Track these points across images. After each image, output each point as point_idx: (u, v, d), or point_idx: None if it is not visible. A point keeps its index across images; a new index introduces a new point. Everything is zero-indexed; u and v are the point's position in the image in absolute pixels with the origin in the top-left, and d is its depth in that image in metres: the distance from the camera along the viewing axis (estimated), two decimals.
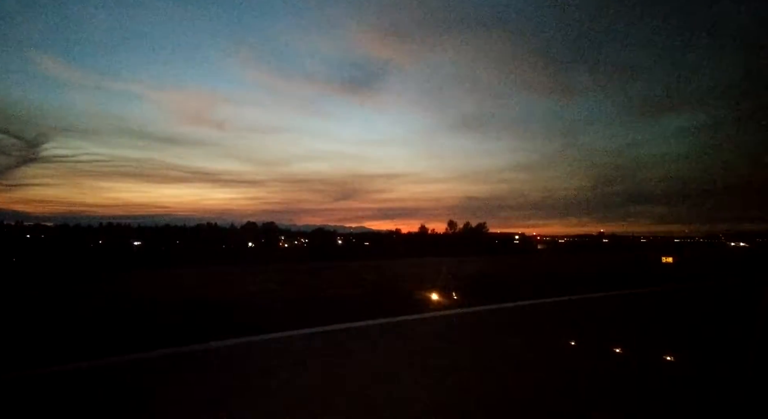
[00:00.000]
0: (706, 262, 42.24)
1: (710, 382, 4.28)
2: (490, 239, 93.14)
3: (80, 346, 10.24)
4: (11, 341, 11.04)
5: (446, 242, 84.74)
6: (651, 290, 9.32)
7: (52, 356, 9.08)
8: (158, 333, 11.54)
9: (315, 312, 15.74)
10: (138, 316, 15.10)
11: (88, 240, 75.01)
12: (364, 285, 24.74)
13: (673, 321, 6.47)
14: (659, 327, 6.14)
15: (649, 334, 5.76)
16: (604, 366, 4.64)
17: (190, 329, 12.33)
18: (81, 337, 11.54)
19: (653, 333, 5.81)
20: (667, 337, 5.73)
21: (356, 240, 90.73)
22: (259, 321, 13.19)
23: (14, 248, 61.31)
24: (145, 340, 10.30)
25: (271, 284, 25.75)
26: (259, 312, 15.94)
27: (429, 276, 26.81)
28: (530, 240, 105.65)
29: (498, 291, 20.53)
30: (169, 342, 3.44)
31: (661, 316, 6.69)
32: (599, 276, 28.51)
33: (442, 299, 18.25)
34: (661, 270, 37.83)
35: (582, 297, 7.15)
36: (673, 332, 5.96)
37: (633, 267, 37.66)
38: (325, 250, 72.40)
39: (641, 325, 6.14)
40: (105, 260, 51.17)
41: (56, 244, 67.63)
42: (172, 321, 13.80)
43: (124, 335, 11.43)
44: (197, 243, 71.72)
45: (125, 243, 72.67)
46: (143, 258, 56.28)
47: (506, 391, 3.82)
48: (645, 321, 6.34)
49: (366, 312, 14.91)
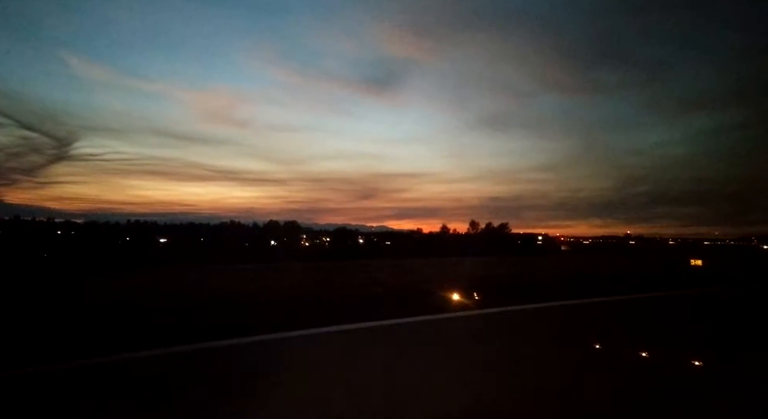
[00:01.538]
0: (737, 266, 40.98)
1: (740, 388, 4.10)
2: (512, 240, 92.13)
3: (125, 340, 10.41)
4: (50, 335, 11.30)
5: (468, 242, 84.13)
6: (683, 293, 8.99)
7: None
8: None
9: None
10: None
11: (116, 236, 76.66)
12: (389, 284, 24.73)
13: (705, 325, 6.23)
14: (692, 330, 5.93)
15: (682, 338, 5.55)
16: (629, 371, 4.47)
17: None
18: (123, 331, 11.75)
19: (686, 337, 5.60)
20: (702, 341, 5.51)
21: (377, 240, 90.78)
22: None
23: (46, 244, 63.08)
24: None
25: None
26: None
27: (451, 276, 26.66)
28: (554, 241, 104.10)
29: (525, 292, 20.27)
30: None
31: (694, 320, 6.44)
32: (628, 278, 27.96)
33: (465, 299, 18.01)
34: (691, 273, 36.93)
35: (608, 300, 6.94)
36: (706, 337, 5.74)
37: (661, 270, 36.84)
38: (347, 249, 72.69)
39: (673, 329, 5.92)
40: (136, 256, 52.29)
41: (87, 240, 69.36)
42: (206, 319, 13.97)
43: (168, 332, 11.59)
44: (221, 241, 72.60)
45: (152, 240, 74.09)
46: (171, 255, 57.28)
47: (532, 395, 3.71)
48: (677, 324, 6.12)
49: (398, 310, 14.82)
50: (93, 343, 9.99)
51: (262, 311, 15.59)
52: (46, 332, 11.61)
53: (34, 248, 56.38)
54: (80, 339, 10.60)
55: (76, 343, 10.06)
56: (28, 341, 10.40)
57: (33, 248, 56.31)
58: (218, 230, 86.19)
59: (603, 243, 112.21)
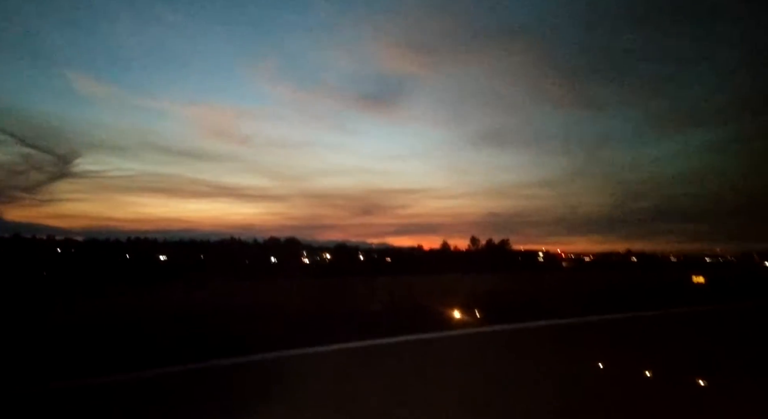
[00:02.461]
0: (739, 283, 40.69)
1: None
2: (513, 256, 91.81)
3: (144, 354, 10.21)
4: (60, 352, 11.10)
5: (469, 259, 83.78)
6: (688, 310, 8.88)
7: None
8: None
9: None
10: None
11: (115, 254, 76.38)
12: (392, 301, 24.48)
13: (712, 341, 6.10)
14: (699, 346, 5.80)
15: (691, 353, 5.42)
16: (631, 389, 4.35)
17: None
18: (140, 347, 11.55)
19: (695, 353, 5.47)
20: (710, 357, 5.38)
21: (378, 256, 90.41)
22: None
23: (45, 262, 62.76)
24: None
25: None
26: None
27: (454, 293, 26.39)
28: (555, 258, 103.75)
29: (530, 310, 20.01)
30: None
31: (700, 336, 6.32)
32: (632, 294, 27.72)
33: (467, 317, 17.76)
34: (694, 290, 36.67)
35: (614, 318, 6.82)
36: (714, 353, 5.61)
37: (664, 287, 36.59)
38: (347, 266, 72.41)
39: (680, 345, 5.79)
40: (137, 274, 51.94)
41: (87, 258, 69.07)
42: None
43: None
44: (221, 258, 72.31)
45: (152, 257, 73.80)
46: (170, 273, 56.95)
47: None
48: (683, 340, 5.99)
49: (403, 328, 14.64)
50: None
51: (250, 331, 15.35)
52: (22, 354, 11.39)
53: (34, 266, 56.08)
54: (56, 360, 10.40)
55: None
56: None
57: (32, 266, 56.00)
58: (218, 247, 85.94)
59: (605, 259, 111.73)
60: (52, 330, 15.94)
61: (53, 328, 16.27)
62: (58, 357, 10.99)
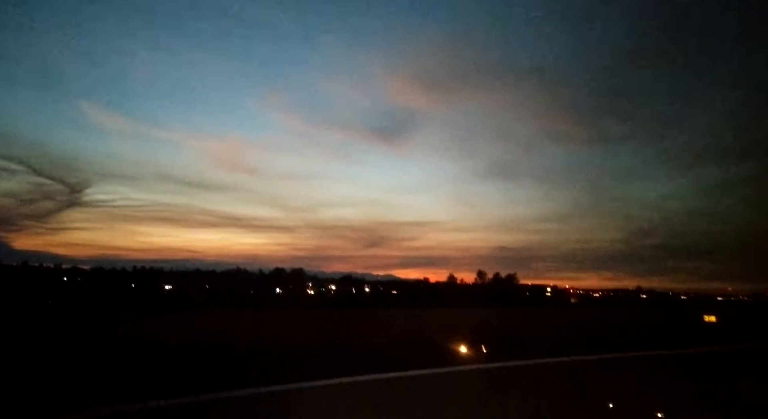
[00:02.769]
0: (753, 323, 39.71)
1: None
2: (520, 291, 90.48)
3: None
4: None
5: (475, 293, 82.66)
6: (705, 351, 8.65)
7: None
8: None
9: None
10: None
11: (121, 283, 76.22)
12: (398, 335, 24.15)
13: (725, 383, 5.93)
14: (712, 388, 5.64)
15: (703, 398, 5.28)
16: None
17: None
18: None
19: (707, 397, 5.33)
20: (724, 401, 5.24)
21: (384, 289, 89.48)
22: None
23: (52, 290, 62.73)
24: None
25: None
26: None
27: (459, 328, 26.01)
28: (563, 293, 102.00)
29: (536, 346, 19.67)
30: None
31: (711, 378, 6.15)
32: (641, 333, 27.23)
33: (472, 352, 17.40)
34: (705, 329, 35.87)
35: (623, 357, 6.67)
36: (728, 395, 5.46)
37: (676, 326, 35.87)
38: (353, 298, 71.74)
39: (691, 386, 5.64)
40: (142, 303, 51.77)
41: (92, 287, 69.03)
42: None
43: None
44: (226, 288, 71.92)
45: (157, 287, 73.57)
46: (175, 302, 56.66)
47: None
48: (695, 381, 5.83)
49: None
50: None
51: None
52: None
53: (40, 295, 56.09)
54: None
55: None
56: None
57: (38, 295, 56.01)
58: (224, 277, 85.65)
59: (614, 296, 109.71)
60: (54, 359, 15.85)
61: (54, 357, 16.19)
62: (59, 386, 10.90)
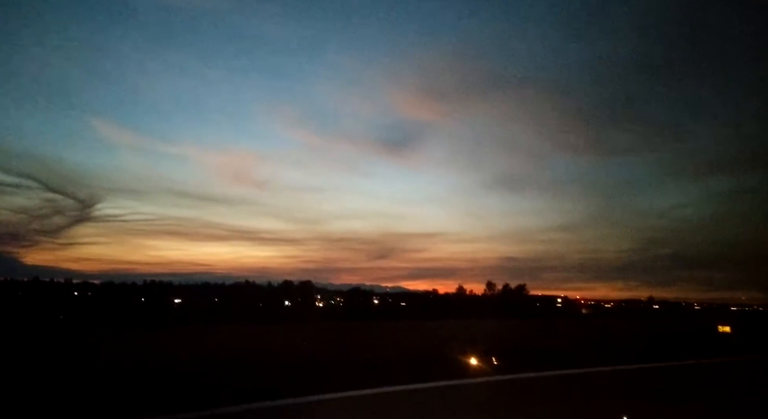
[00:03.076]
0: (767, 332, 39.03)
1: None
2: (530, 302, 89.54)
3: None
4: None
5: (485, 304, 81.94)
6: (719, 361, 8.52)
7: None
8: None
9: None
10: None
11: (131, 297, 76.54)
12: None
13: (740, 395, 5.83)
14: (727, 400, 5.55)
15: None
16: None
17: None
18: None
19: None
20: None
21: (392, 300, 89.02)
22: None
23: (62, 305, 63.16)
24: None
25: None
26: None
27: (469, 339, 25.82)
28: (574, 304, 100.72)
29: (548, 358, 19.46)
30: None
31: (726, 389, 6.05)
32: (654, 343, 26.90)
33: (482, 364, 17.22)
34: (719, 339, 35.34)
35: (636, 368, 6.58)
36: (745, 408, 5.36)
37: (690, 337, 35.38)
38: (362, 310, 71.45)
39: (707, 397, 5.55)
40: (151, 317, 52.02)
41: (102, 301, 69.43)
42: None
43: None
44: (235, 301, 71.98)
45: (166, 300, 73.83)
46: (184, 316, 56.85)
47: None
48: (710, 393, 5.74)
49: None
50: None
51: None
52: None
53: (51, 309, 56.50)
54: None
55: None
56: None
57: (49, 309, 56.43)
58: (233, 290, 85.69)
59: (626, 306, 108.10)
60: (65, 373, 15.93)
61: (65, 372, 16.27)
62: (70, 401, 10.96)
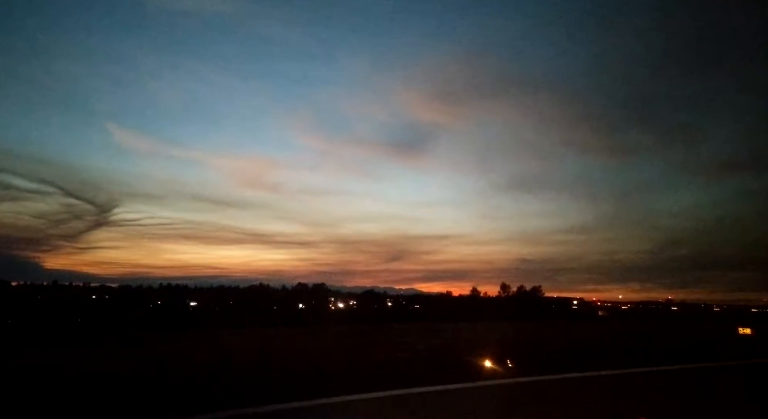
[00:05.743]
0: None
1: None
2: (545, 303, 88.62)
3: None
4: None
5: (499, 306, 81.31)
6: (740, 364, 8.22)
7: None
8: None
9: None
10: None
11: (147, 301, 77.63)
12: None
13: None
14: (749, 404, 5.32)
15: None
16: None
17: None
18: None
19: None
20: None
21: (406, 302, 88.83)
22: None
23: (80, 309, 64.27)
24: None
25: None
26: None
27: (484, 342, 25.54)
28: (590, 306, 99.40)
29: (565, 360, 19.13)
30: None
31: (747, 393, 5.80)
32: (673, 346, 26.35)
33: (498, 366, 17.00)
34: (741, 342, 34.57)
35: (656, 370, 6.36)
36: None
37: (708, 338, 34.65)
38: (375, 312, 71.46)
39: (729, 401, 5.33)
40: (167, 320, 52.64)
41: (119, 305, 70.45)
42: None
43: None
44: (250, 303, 72.50)
45: (182, 303, 74.68)
46: (200, 319, 57.37)
47: None
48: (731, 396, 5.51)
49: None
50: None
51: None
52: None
53: (69, 313, 57.56)
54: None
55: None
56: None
57: (68, 313, 57.49)
58: (247, 293, 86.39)
59: (643, 308, 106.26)
60: (82, 375, 16.06)
61: (83, 374, 16.40)
62: (87, 404, 11.02)
